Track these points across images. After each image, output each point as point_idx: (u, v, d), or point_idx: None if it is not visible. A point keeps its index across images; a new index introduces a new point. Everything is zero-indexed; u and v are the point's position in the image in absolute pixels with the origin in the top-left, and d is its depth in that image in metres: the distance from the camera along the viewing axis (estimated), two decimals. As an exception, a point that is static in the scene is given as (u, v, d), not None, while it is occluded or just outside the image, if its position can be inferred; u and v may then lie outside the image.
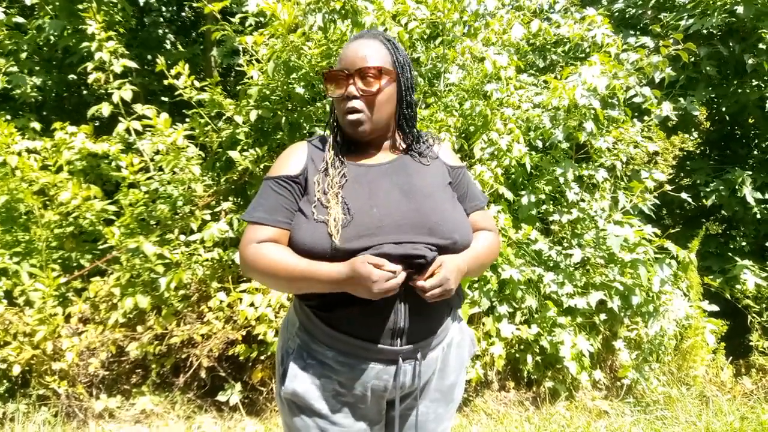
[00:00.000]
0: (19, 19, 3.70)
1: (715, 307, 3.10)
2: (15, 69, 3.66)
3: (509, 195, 2.84)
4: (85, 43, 2.82)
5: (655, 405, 2.87)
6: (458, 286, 1.24)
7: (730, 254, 3.69)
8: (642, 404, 2.89)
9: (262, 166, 2.78)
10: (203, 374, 2.66)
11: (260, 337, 2.52)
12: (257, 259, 1.11)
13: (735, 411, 2.84)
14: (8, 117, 3.41)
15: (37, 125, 3.38)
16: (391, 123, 1.24)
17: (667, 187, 2.89)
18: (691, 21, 3.58)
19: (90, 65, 2.80)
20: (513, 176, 2.94)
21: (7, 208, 2.84)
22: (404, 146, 1.27)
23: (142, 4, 4.05)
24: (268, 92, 2.87)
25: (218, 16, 2.87)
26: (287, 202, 1.15)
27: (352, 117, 1.15)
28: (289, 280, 1.09)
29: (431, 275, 1.06)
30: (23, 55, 3.79)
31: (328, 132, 1.32)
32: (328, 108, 2.76)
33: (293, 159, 1.21)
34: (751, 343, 3.34)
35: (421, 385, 1.21)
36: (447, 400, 1.28)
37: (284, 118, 2.82)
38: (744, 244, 3.78)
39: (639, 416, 2.78)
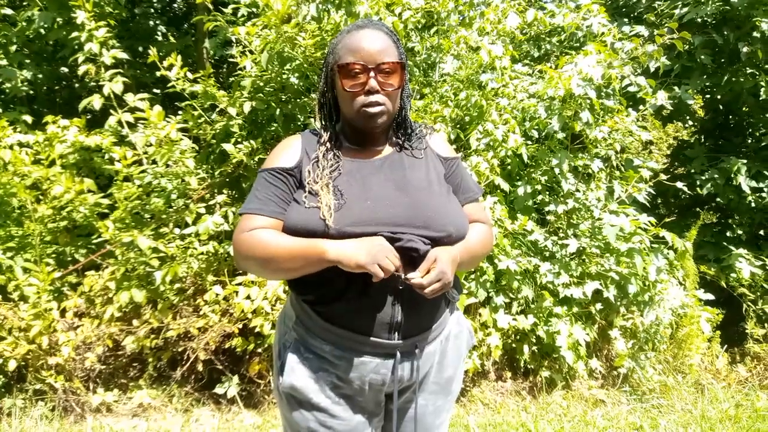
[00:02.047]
0: (8, 11, 3.64)
1: (710, 296, 3.12)
2: (4, 62, 3.61)
3: (505, 186, 2.83)
4: (75, 34, 2.77)
5: (651, 393, 2.89)
6: (456, 278, 1.24)
7: (725, 243, 3.70)
8: (638, 393, 2.91)
9: (256, 159, 2.76)
10: (200, 367, 2.65)
11: (257, 329, 2.52)
12: (252, 244, 1.09)
13: (730, 398, 2.87)
14: (-1, 111, 3.38)
15: (28, 118, 3.34)
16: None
17: (662, 177, 2.90)
18: (685, 10, 3.57)
19: (80, 57, 2.76)
20: (509, 167, 2.93)
21: (0, 203, 2.81)
22: (398, 139, 1.26)
23: (133, -6, 4.01)
24: (261, 83, 2.84)
25: (210, 6, 2.84)
26: (282, 193, 1.15)
27: (374, 109, 1.13)
28: (287, 259, 1.07)
29: (427, 271, 1.06)
30: (13, 48, 3.74)
31: (317, 125, 1.30)
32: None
33: (288, 151, 1.20)
34: (746, 331, 3.37)
35: (419, 379, 1.21)
36: (445, 392, 1.28)
37: (278, 109, 2.80)
38: (740, 232, 3.79)
39: (635, 405, 2.80)
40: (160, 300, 2.70)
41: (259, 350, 2.64)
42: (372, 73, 1.11)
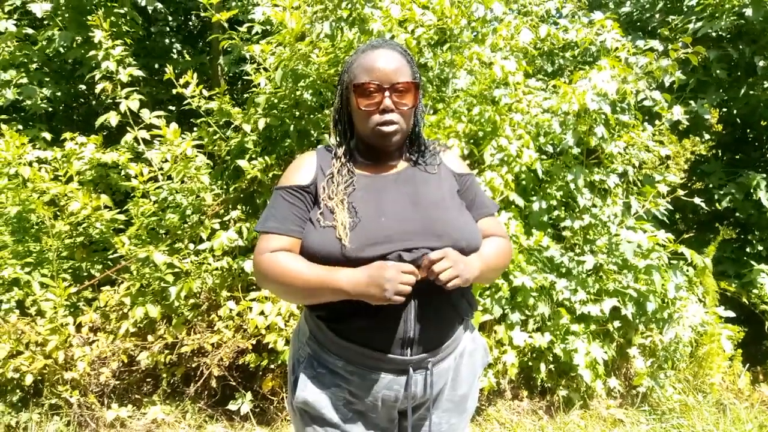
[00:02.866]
0: (29, 31, 3.73)
1: (731, 313, 3.04)
2: (25, 80, 3.69)
3: (520, 201, 2.81)
4: (92, 52, 2.83)
5: (671, 413, 2.82)
6: (470, 294, 1.24)
7: (746, 258, 3.63)
8: (658, 412, 2.84)
9: (270, 175, 2.77)
10: (214, 383, 2.65)
11: (270, 345, 2.51)
12: (271, 269, 1.12)
13: (753, 419, 2.79)
14: (19, 127, 3.44)
15: (47, 136, 3.41)
16: None
17: (680, 192, 2.85)
18: (699, 24, 3.55)
19: (98, 74, 2.81)
20: (523, 182, 2.91)
21: (19, 219, 2.85)
22: (412, 155, 1.28)
23: (150, 12, 4.08)
24: (275, 100, 2.87)
25: (225, 24, 2.88)
26: (299, 210, 1.17)
27: (388, 128, 1.15)
28: (305, 289, 1.09)
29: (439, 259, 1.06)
30: (33, 67, 3.83)
31: (332, 141, 1.32)
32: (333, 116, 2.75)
33: (303, 169, 1.22)
34: (768, 350, 3.28)
35: (433, 396, 1.20)
36: (460, 410, 1.27)
37: (292, 125, 2.82)
38: (760, 248, 3.71)
39: (654, 425, 2.73)
40: (174, 315, 2.70)
41: (273, 366, 2.63)
42: (387, 93, 1.13)
